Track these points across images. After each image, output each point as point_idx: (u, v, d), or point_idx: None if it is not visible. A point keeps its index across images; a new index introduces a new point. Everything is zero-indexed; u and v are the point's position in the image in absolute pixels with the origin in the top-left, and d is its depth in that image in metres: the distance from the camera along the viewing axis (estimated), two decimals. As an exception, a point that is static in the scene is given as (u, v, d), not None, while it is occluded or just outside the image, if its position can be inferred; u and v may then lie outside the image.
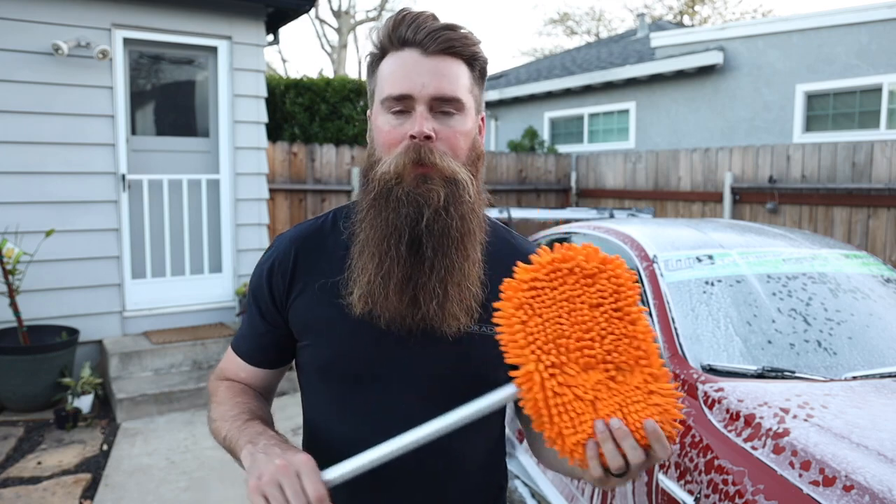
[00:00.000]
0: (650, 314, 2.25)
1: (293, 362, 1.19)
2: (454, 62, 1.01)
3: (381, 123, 1.02)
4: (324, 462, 1.06)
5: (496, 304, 0.85)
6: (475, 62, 1.05)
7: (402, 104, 0.99)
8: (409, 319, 0.99)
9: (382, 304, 0.98)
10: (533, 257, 0.86)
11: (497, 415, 1.15)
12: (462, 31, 1.02)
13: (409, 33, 1.00)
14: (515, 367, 0.84)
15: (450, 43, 1.00)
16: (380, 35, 1.03)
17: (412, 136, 0.97)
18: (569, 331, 0.83)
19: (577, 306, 0.84)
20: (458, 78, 1.01)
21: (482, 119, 1.10)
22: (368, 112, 1.10)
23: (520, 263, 0.87)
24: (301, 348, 1.11)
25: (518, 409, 1.05)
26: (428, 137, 0.97)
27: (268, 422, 1.06)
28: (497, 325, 1.01)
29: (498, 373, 1.04)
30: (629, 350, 0.85)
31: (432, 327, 1.00)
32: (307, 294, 1.07)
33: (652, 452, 0.82)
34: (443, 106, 1.00)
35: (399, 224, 0.96)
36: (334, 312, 1.04)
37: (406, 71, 0.99)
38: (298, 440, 4.01)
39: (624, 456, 0.81)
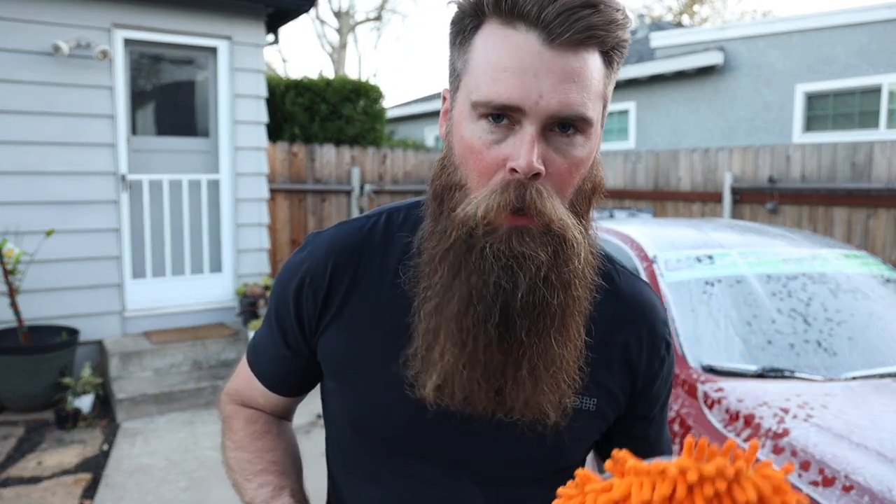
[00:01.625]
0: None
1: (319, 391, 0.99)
2: (589, 57, 0.70)
3: (468, 134, 0.72)
4: None
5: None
6: (615, 52, 0.73)
7: (505, 113, 0.70)
8: (493, 412, 0.77)
9: (461, 396, 0.76)
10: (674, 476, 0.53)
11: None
12: (610, 7, 0.69)
13: (533, 6, 0.67)
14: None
15: (590, 32, 0.68)
16: None
17: (513, 170, 0.69)
18: None
19: None
20: (591, 83, 0.70)
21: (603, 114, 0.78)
22: (445, 91, 0.80)
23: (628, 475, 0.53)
24: (333, 392, 0.88)
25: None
26: (536, 175, 0.69)
27: (294, 485, 0.88)
28: (591, 397, 0.81)
29: (578, 455, 0.87)
30: None
31: (512, 420, 0.78)
32: (344, 324, 0.83)
33: None
34: (562, 124, 0.71)
35: (487, 295, 0.71)
36: (381, 363, 0.81)
37: (520, 67, 0.68)
38: (299, 439, 4.02)
39: None
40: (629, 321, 0.85)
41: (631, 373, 0.85)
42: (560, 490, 0.57)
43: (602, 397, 0.83)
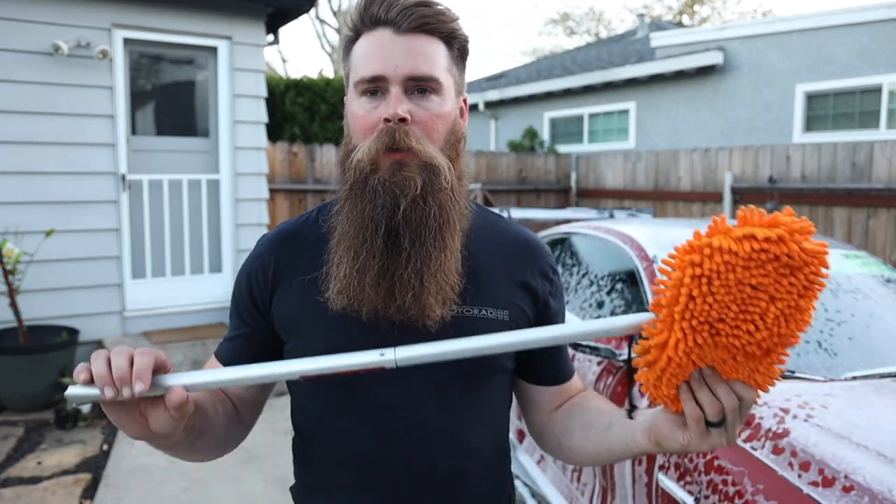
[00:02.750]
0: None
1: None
2: (430, 40, 0.96)
3: (355, 108, 0.97)
4: (322, 470, 1.05)
5: (670, 257, 0.76)
6: (453, 40, 0.99)
7: (376, 86, 0.94)
8: (387, 312, 0.95)
9: (359, 298, 0.94)
10: (746, 222, 0.73)
11: (504, 409, 1.11)
12: (438, 6, 0.96)
13: (381, 11, 0.94)
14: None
15: (424, 20, 0.94)
16: (352, 16, 0.99)
17: (386, 120, 0.92)
18: (732, 317, 0.74)
19: (758, 294, 0.74)
20: (434, 57, 0.96)
21: (464, 101, 1.05)
22: (345, 99, 1.05)
23: (721, 222, 0.74)
24: (288, 351, 1.05)
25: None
26: (402, 120, 0.92)
27: (206, 411, 0.97)
28: (486, 308, 1.00)
29: (504, 360, 1.05)
30: (771, 345, 0.78)
31: (411, 319, 0.95)
32: (290, 293, 1.03)
33: (743, 401, 0.81)
34: (419, 86, 0.95)
35: (375, 215, 0.92)
36: (318, 309, 0.99)
37: (379, 51, 0.94)
38: (298, 440, 4.01)
39: (718, 402, 0.80)
40: (521, 254, 1.08)
41: (530, 292, 1.07)
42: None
43: (512, 310, 1.03)
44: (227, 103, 5.38)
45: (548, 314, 1.09)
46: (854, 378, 1.94)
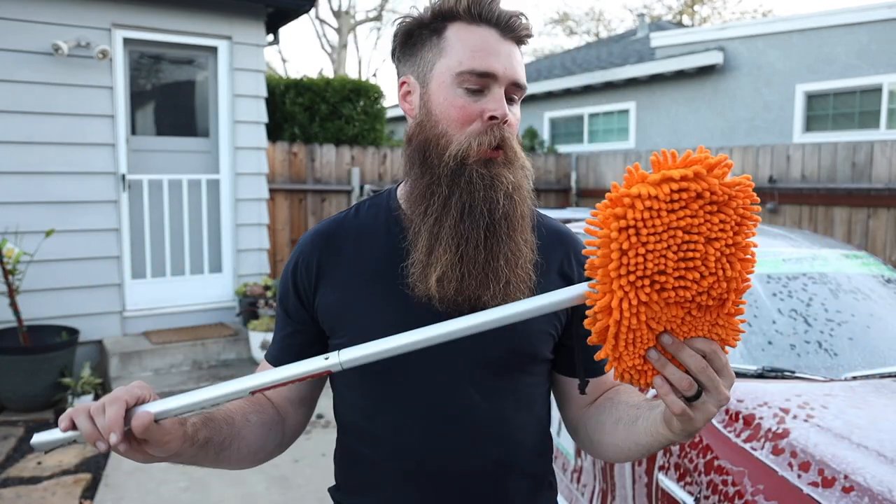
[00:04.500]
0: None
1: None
2: (519, 52, 1.01)
3: (451, 97, 0.97)
4: (367, 465, 1.06)
5: (592, 215, 0.75)
6: (524, 47, 1.05)
7: (483, 82, 0.96)
8: (468, 302, 0.96)
9: (456, 287, 0.95)
10: (659, 166, 0.73)
11: (546, 398, 1.13)
12: (528, 20, 1.01)
13: (488, 11, 0.97)
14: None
15: (526, 32, 0.99)
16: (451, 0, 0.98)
17: (492, 118, 0.95)
18: (672, 267, 0.72)
19: (692, 238, 0.72)
20: (522, 68, 1.01)
21: None
22: (403, 78, 1.05)
23: (635, 171, 0.74)
24: (337, 346, 1.01)
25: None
26: (506, 121, 0.97)
27: (221, 420, 0.96)
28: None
29: (544, 348, 1.07)
30: (721, 291, 0.75)
31: (479, 306, 0.95)
32: (338, 284, 1.03)
33: (708, 358, 0.79)
34: (513, 92, 0.99)
35: (476, 206, 0.95)
36: (371, 298, 1.01)
37: (489, 48, 0.96)
38: (298, 440, 4.01)
39: (688, 373, 0.79)
40: (558, 244, 1.11)
41: (568, 281, 1.09)
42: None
43: None
44: (227, 103, 5.38)
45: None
46: (854, 378, 1.94)
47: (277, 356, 1.10)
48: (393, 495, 1.03)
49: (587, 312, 0.78)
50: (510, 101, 0.99)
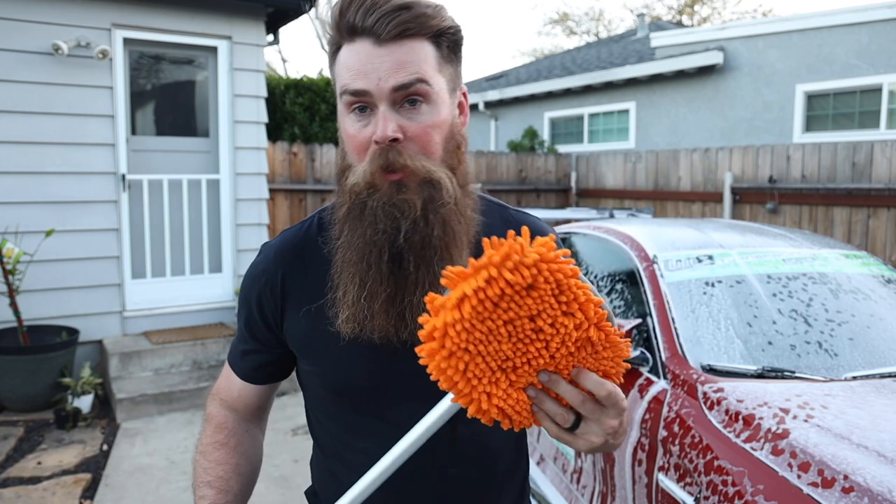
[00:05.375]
0: (650, 315, 2.25)
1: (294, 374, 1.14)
2: (415, 45, 0.89)
3: (347, 126, 0.93)
4: (343, 484, 1.03)
5: (419, 350, 0.71)
6: (441, 37, 0.92)
7: (362, 101, 0.89)
8: (400, 336, 0.94)
9: (370, 325, 0.92)
10: (453, 282, 0.69)
11: None
12: (418, 7, 0.89)
13: (358, 20, 0.88)
14: None
15: (404, 26, 0.87)
16: (329, 25, 0.93)
17: (376, 142, 0.88)
18: (511, 353, 0.73)
19: (517, 323, 0.71)
20: (420, 62, 0.89)
21: (464, 94, 0.99)
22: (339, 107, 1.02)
23: (431, 301, 0.70)
24: (306, 372, 1.06)
25: None
26: (394, 140, 0.88)
27: (228, 501, 1.06)
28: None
29: None
30: (578, 336, 0.75)
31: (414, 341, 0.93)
32: (299, 315, 1.01)
33: (594, 395, 0.77)
34: (407, 97, 0.89)
35: (377, 240, 0.89)
36: (329, 334, 0.97)
37: (360, 65, 0.88)
38: (298, 440, 4.00)
39: (569, 407, 0.77)
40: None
41: None
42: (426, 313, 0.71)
43: None
44: (226, 103, 5.38)
45: None
46: (854, 378, 1.94)
47: (245, 370, 1.10)
48: None
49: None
50: (412, 104, 0.89)
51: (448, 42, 0.93)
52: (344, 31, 0.90)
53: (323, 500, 1.11)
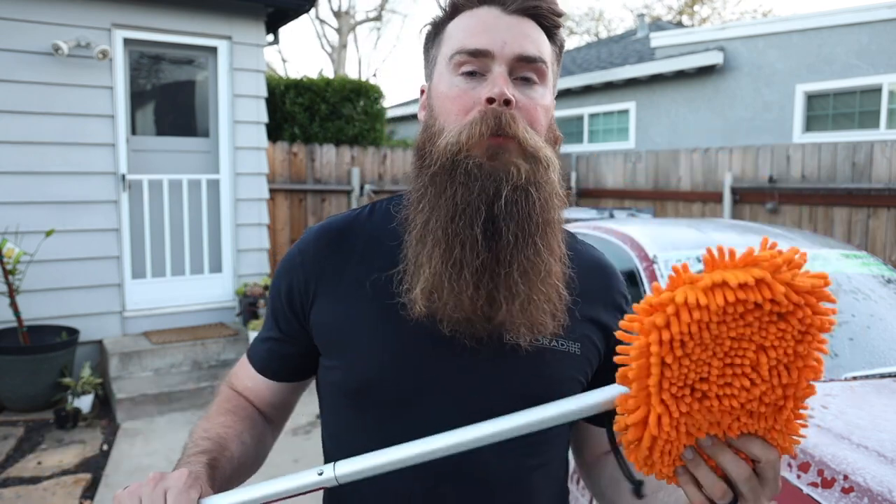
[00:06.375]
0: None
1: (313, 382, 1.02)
2: (535, 28, 0.85)
3: (445, 87, 0.84)
4: (356, 499, 0.91)
5: (628, 320, 0.62)
6: (555, 36, 0.88)
7: (478, 63, 0.82)
8: (481, 324, 0.80)
9: (452, 302, 0.78)
10: (715, 265, 0.61)
11: (565, 447, 0.98)
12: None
13: None
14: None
15: (535, 3, 0.83)
16: None
17: (489, 101, 0.79)
18: (716, 374, 0.62)
19: (743, 346, 0.61)
20: (540, 44, 0.84)
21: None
22: (422, 86, 0.93)
23: (683, 271, 0.61)
24: (328, 368, 0.92)
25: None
26: (508, 102, 0.79)
27: (224, 460, 0.87)
28: (559, 338, 0.84)
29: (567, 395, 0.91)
30: (777, 398, 0.64)
31: (502, 336, 0.81)
32: (338, 298, 0.89)
33: (759, 467, 0.66)
34: (525, 71, 0.83)
35: (472, 201, 0.77)
36: (376, 317, 0.85)
37: (485, 26, 0.82)
38: (298, 440, 3.99)
39: (725, 478, 0.66)
40: (595, 278, 0.94)
41: (601, 327, 0.92)
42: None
43: (584, 343, 0.89)
44: (226, 103, 5.38)
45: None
46: (854, 378, 1.94)
47: (262, 360, 0.99)
48: None
49: (619, 419, 0.66)
50: (525, 81, 0.83)
51: (559, 44, 0.90)
52: None
53: None
